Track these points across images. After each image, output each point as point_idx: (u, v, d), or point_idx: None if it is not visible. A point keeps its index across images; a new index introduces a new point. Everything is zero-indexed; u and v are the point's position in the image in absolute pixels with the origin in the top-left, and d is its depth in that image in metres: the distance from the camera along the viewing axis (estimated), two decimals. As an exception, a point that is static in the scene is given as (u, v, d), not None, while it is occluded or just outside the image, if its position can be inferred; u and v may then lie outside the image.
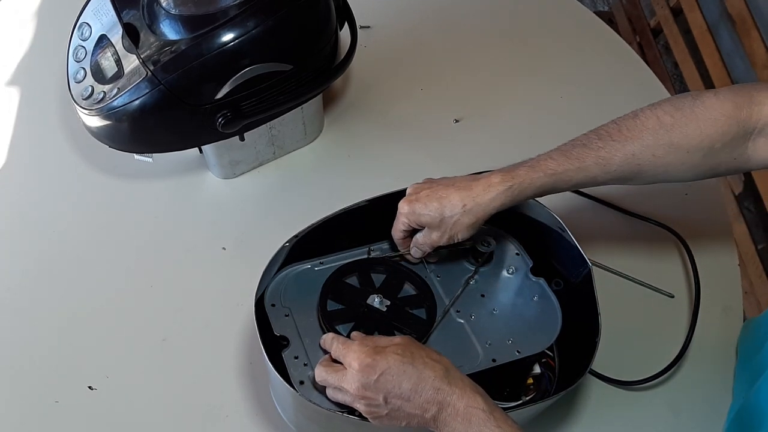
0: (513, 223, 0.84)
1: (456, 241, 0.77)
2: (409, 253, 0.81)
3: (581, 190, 0.99)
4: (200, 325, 0.88)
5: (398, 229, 0.79)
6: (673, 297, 0.92)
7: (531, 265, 0.83)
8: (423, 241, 0.78)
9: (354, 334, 0.72)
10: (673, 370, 0.85)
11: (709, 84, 1.78)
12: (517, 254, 0.85)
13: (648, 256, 0.96)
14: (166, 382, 0.85)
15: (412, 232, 0.80)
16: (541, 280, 0.82)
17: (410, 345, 0.68)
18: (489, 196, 0.73)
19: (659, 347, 0.88)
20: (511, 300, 0.82)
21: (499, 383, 0.73)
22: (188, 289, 0.92)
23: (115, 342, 0.87)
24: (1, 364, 0.85)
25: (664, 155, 0.70)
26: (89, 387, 0.84)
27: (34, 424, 0.82)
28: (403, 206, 0.78)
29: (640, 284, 0.93)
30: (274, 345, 0.75)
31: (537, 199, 0.78)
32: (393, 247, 0.84)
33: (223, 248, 0.94)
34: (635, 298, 0.92)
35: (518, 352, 0.77)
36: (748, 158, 0.70)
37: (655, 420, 0.84)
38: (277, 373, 0.69)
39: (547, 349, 0.78)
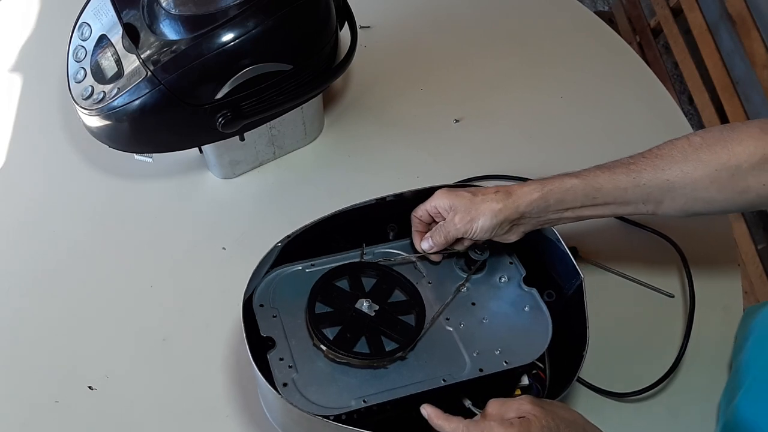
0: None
1: (473, 231, 0.76)
2: (419, 257, 0.82)
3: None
4: (200, 325, 0.88)
5: (423, 209, 0.80)
6: (672, 297, 0.92)
7: (524, 275, 0.83)
8: (441, 227, 0.78)
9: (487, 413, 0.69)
10: (673, 374, 0.85)
11: (709, 84, 1.78)
12: (510, 263, 0.84)
13: (645, 262, 0.95)
14: (166, 382, 0.85)
15: (430, 225, 0.81)
16: (534, 291, 0.81)
17: (548, 416, 0.66)
18: (521, 189, 0.75)
19: (659, 349, 0.88)
20: (502, 309, 0.81)
21: (486, 393, 0.71)
22: (188, 289, 0.92)
23: (115, 342, 0.87)
24: (1, 364, 0.85)
25: (692, 171, 0.72)
26: (89, 387, 0.84)
27: (34, 424, 0.82)
28: (441, 189, 0.79)
29: (641, 284, 0.93)
30: (262, 346, 0.74)
31: None
32: (392, 252, 0.84)
33: (223, 248, 0.94)
34: (635, 299, 0.93)
35: (506, 363, 0.76)
36: None
37: (654, 424, 0.84)
38: (261, 375, 0.69)
39: (539, 360, 0.77)
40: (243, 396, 0.83)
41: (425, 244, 0.81)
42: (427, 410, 0.70)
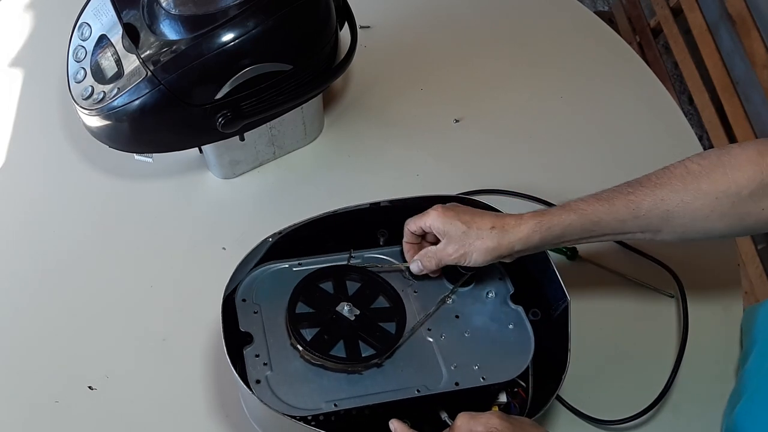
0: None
1: (466, 263, 0.75)
2: (408, 267, 0.81)
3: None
4: (200, 325, 0.88)
5: (417, 223, 0.78)
6: (672, 296, 0.92)
7: (512, 292, 0.82)
8: (434, 253, 0.77)
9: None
10: (673, 378, 0.85)
11: (709, 84, 1.78)
12: (500, 279, 0.84)
13: (645, 262, 0.96)
14: (166, 382, 0.85)
15: (422, 242, 0.80)
16: (520, 309, 0.81)
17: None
18: (518, 227, 0.74)
19: (659, 351, 0.88)
20: (486, 325, 0.80)
21: (463, 407, 0.70)
22: (188, 289, 0.92)
23: (115, 342, 0.87)
24: (1, 364, 0.85)
25: (692, 201, 0.71)
26: (89, 387, 0.84)
27: (34, 424, 0.82)
28: (436, 208, 0.77)
29: (641, 284, 0.93)
30: (243, 341, 0.75)
31: None
32: (381, 258, 0.84)
33: (223, 248, 0.94)
34: (635, 299, 0.93)
35: (483, 378, 0.75)
36: None
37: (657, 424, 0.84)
38: (234, 370, 0.69)
39: (522, 378, 0.77)
40: (239, 395, 0.83)
41: (414, 267, 0.80)
42: (395, 425, 0.70)
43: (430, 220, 0.77)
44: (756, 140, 0.72)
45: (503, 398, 0.77)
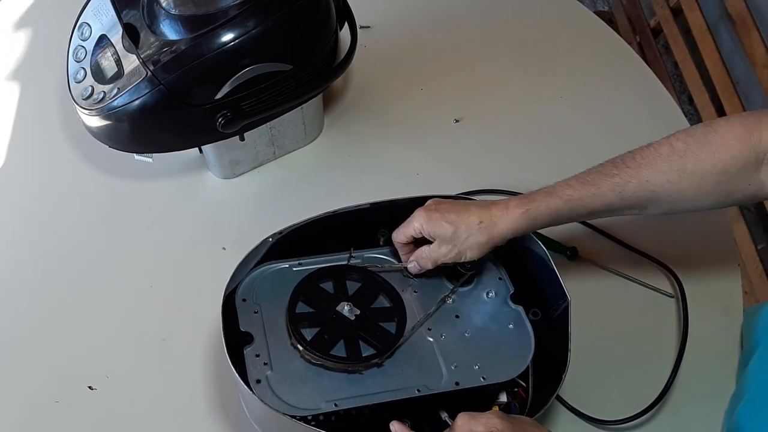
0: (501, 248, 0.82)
1: (463, 260, 0.76)
2: (406, 267, 0.81)
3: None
4: (200, 325, 0.88)
5: (405, 234, 0.78)
6: (672, 297, 0.92)
7: (512, 292, 0.82)
8: (428, 254, 0.78)
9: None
10: (673, 378, 0.85)
11: (709, 84, 1.78)
12: (500, 279, 0.84)
13: (645, 262, 0.96)
14: (166, 382, 0.85)
15: (415, 243, 0.80)
16: (520, 309, 0.81)
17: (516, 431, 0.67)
18: (506, 218, 0.74)
19: (658, 352, 0.88)
20: (486, 325, 0.80)
21: (463, 407, 0.69)
22: (188, 289, 0.92)
23: (115, 342, 0.87)
24: (1, 364, 0.85)
25: (678, 181, 0.71)
26: (89, 387, 0.84)
27: (34, 424, 0.82)
28: (420, 212, 0.77)
29: (641, 284, 0.93)
30: (243, 341, 0.75)
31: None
32: (381, 258, 0.84)
33: (223, 248, 0.94)
34: (635, 299, 0.93)
35: (483, 378, 0.75)
36: (763, 184, 0.70)
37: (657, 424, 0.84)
38: (234, 370, 0.69)
39: (522, 378, 0.77)
40: (239, 394, 0.83)
41: (412, 267, 0.80)
42: (395, 426, 0.70)
43: (417, 225, 0.77)
44: (743, 114, 0.71)
45: (503, 398, 0.77)
